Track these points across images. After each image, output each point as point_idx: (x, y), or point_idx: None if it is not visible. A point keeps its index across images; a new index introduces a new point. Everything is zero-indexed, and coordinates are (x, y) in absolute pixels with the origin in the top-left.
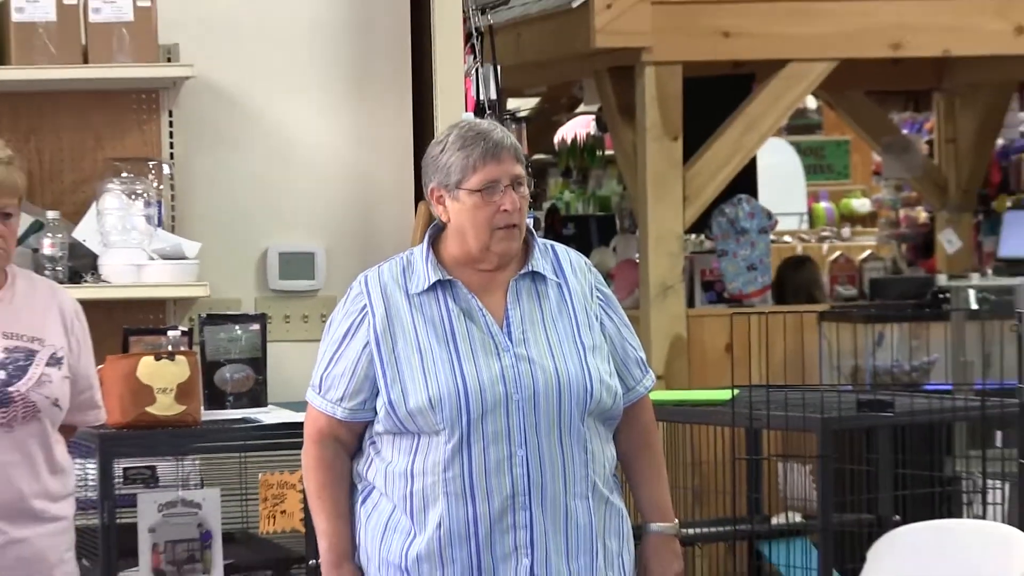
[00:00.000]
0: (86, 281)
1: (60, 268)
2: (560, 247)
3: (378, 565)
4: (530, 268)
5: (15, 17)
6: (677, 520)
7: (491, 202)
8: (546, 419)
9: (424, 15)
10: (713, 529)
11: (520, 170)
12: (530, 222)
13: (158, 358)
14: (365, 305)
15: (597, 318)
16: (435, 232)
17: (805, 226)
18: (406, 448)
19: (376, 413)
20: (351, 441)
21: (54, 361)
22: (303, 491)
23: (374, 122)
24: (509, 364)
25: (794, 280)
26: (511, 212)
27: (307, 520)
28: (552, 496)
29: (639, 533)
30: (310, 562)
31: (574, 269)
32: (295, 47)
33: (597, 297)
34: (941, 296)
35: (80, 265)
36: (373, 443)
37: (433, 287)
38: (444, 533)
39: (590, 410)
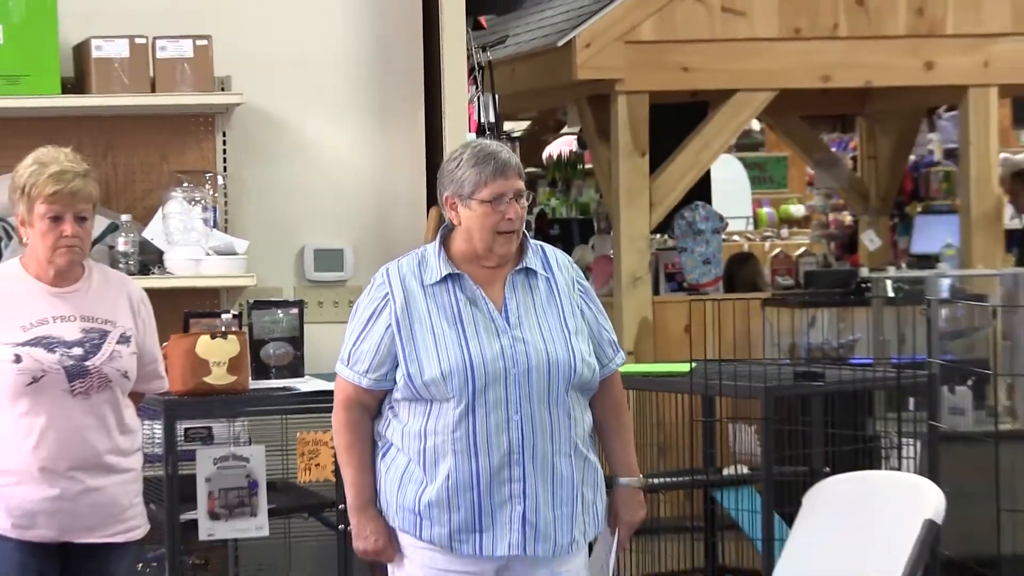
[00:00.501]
0: (153, 273)
1: (132, 262)
2: (548, 247)
3: (395, 509)
4: (524, 265)
5: (95, 54)
6: (642, 475)
7: (498, 211)
8: (537, 390)
9: (434, 52)
10: (674, 479)
11: (522, 185)
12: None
13: (213, 337)
14: (387, 293)
15: (578, 307)
16: (445, 232)
17: (750, 227)
18: (420, 412)
19: (395, 383)
20: (373, 406)
21: (123, 340)
22: (333, 447)
23: (392, 141)
24: (507, 344)
25: (740, 272)
26: (513, 220)
27: (337, 472)
28: (541, 454)
29: (611, 484)
30: (339, 506)
31: (560, 266)
32: (327, 79)
33: (578, 289)
34: (863, 286)
35: (148, 260)
36: (392, 408)
37: (444, 279)
38: (452, 483)
39: (573, 383)
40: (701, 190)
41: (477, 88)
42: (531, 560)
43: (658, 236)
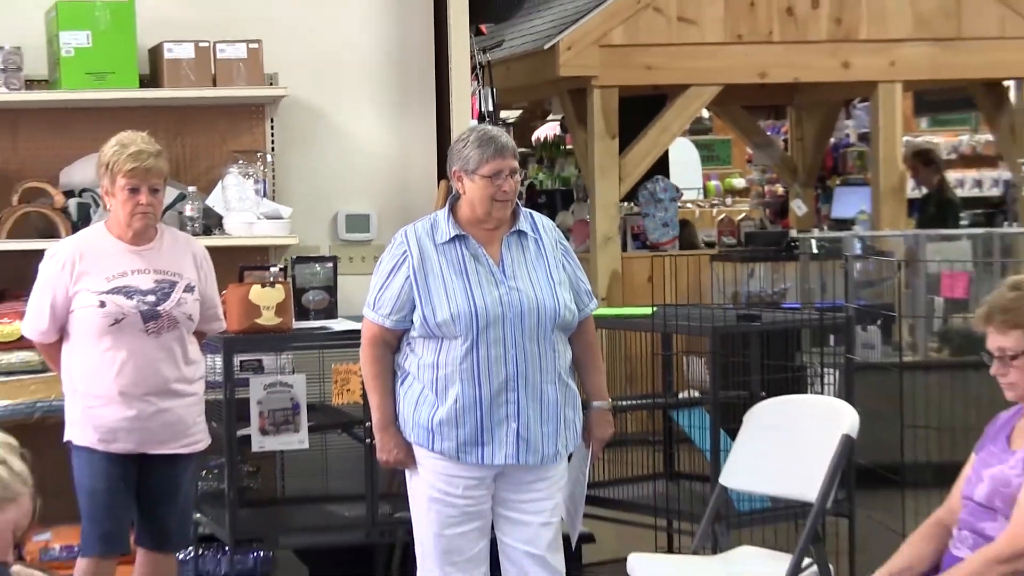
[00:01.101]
0: (214, 234)
1: (196, 225)
2: (536, 214)
3: (412, 427)
4: (517, 228)
5: (166, 55)
6: (611, 399)
7: (495, 184)
8: (529, 329)
9: (443, 53)
10: (638, 402)
11: (516, 164)
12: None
13: (263, 286)
14: (405, 250)
15: (560, 262)
16: (453, 201)
17: (701, 197)
18: (433, 347)
19: (412, 324)
20: (394, 343)
21: (188, 289)
22: (361, 376)
23: (409, 126)
24: (504, 292)
25: (686, 234)
26: (508, 192)
27: (364, 396)
28: (532, 381)
29: (586, 407)
30: (366, 424)
31: (545, 229)
32: (356, 75)
33: (560, 248)
34: (792, 244)
35: (210, 223)
36: (409, 344)
37: (452, 239)
38: (459, 406)
39: (557, 324)
40: (661, 166)
41: (478, 83)
42: (523, 467)
43: (626, 204)
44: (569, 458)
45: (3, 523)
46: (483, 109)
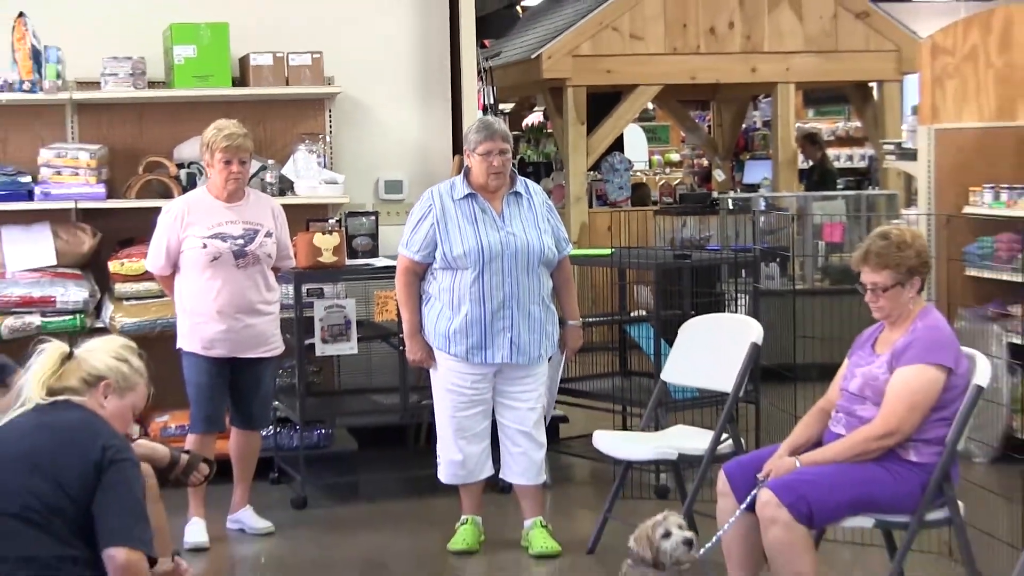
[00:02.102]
0: (287, 195)
1: (274, 188)
2: (529, 181)
3: (433, 335)
4: (515, 190)
5: (252, 62)
6: (581, 318)
7: (488, 161)
8: (521, 264)
9: (457, 61)
10: (601, 319)
11: (505, 145)
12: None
13: (323, 233)
14: (431, 204)
15: (545, 217)
16: (466, 170)
17: (647, 167)
18: (450, 276)
19: (435, 258)
20: (421, 273)
21: (268, 235)
22: (396, 299)
23: (431, 114)
24: (503, 236)
25: (637, 194)
26: (497, 167)
27: (398, 314)
28: (522, 302)
29: (562, 324)
30: (399, 335)
31: (535, 192)
32: (392, 77)
33: (546, 206)
34: (714, 202)
35: (284, 187)
36: (432, 273)
37: (465, 197)
38: (468, 319)
39: (541, 261)
40: (617, 145)
41: (482, 82)
42: (515, 366)
43: (592, 172)
44: (549, 360)
45: (125, 406)
46: (486, 102)
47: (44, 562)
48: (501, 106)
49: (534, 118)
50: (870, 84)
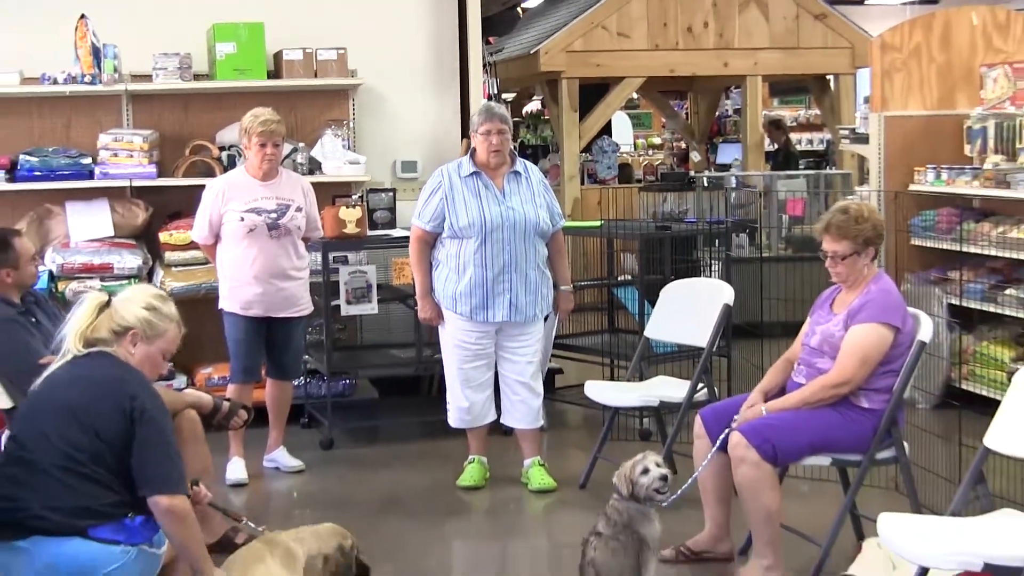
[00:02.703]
0: (316, 174)
1: (304, 168)
2: (527, 162)
3: (441, 296)
4: (514, 169)
5: (285, 57)
6: (572, 283)
7: (488, 140)
8: (519, 234)
9: (465, 56)
10: (591, 283)
11: (503, 126)
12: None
13: (348, 207)
14: (440, 180)
15: (541, 194)
16: (472, 151)
17: (632, 150)
18: (456, 244)
19: (443, 229)
20: (431, 241)
21: (298, 209)
22: (410, 264)
23: (442, 103)
24: (504, 209)
25: (623, 173)
26: (496, 145)
27: (412, 278)
28: (520, 268)
29: (556, 288)
30: (413, 297)
31: (533, 172)
32: (408, 70)
33: (542, 185)
34: (691, 180)
35: (313, 167)
36: (441, 242)
37: (471, 174)
38: (472, 282)
39: (537, 232)
40: (606, 129)
41: (487, 74)
42: (513, 324)
43: (583, 154)
44: (545, 320)
45: (153, 352)
46: (490, 92)
47: (96, 510)
48: (504, 95)
49: (533, 106)
50: (827, 77)
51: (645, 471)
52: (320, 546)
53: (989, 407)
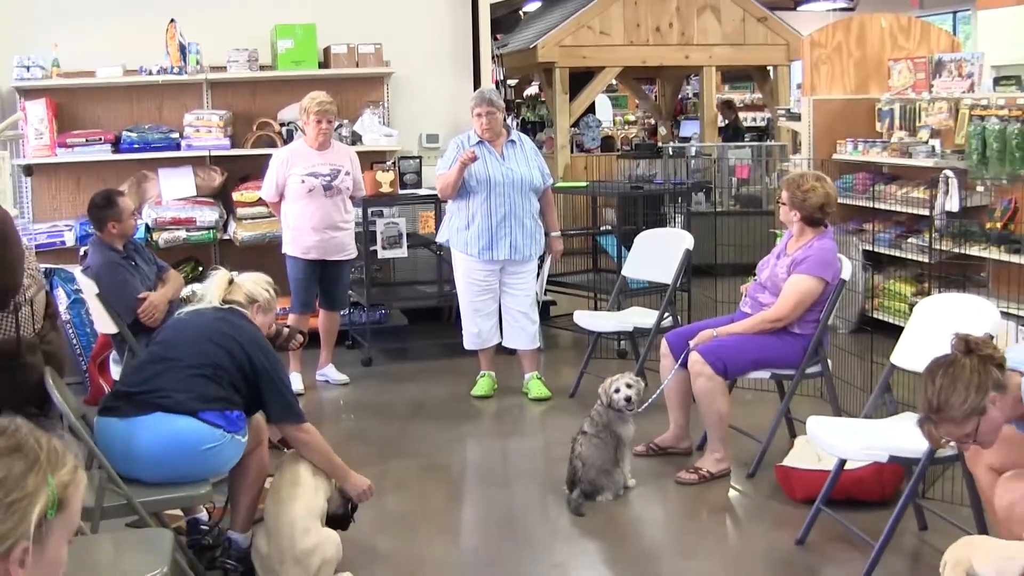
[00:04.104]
0: (357, 145)
1: (349, 140)
2: (522, 134)
3: (455, 241)
4: (511, 139)
5: (332, 51)
6: (561, 230)
7: (479, 119)
8: (516, 190)
9: (477, 49)
10: (578, 231)
11: (491, 108)
12: (514, 125)
13: (383, 171)
14: (458, 145)
15: (533, 159)
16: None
17: (611, 125)
18: (466, 196)
19: None
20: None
21: (347, 173)
22: (441, 192)
23: (458, 87)
24: (505, 170)
25: (606, 143)
26: (484, 122)
27: (435, 227)
28: (518, 216)
29: (548, 234)
30: (436, 243)
31: (525, 141)
32: (431, 60)
33: (533, 152)
34: (659, 150)
35: (356, 139)
36: (450, 200)
37: (478, 143)
38: (479, 228)
39: (531, 188)
40: (591, 109)
41: (495, 64)
42: (513, 262)
43: (572, 128)
44: (541, 260)
45: (267, 321)
46: (498, 78)
47: (208, 399)
48: (508, 81)
49: (532, 90)
50: (768, 67)
51: (617, 390)
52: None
53: (894, 332)
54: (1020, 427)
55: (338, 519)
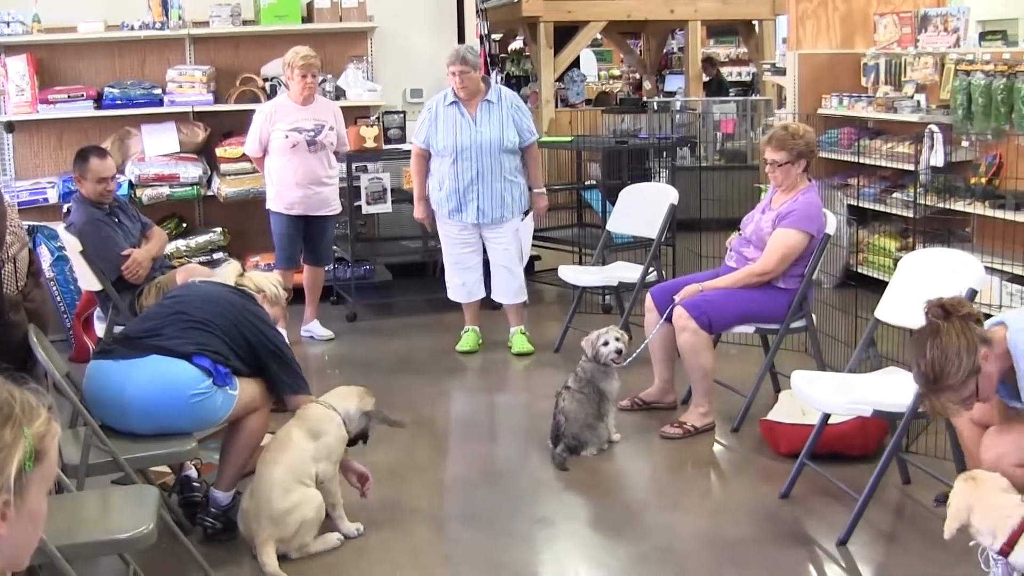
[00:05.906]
0: (341, 99)
1: (333, 95)
2: (504, 88)
3: (433, 196)
4: (486, 98)
5: (316, 5)
6: (545, 186)
7: (453, 77)
8: (485, 153)
9: (460, 2)
10: (564, 186)
11: (465, 67)
12: (499, 80)
13: (366, 126)
14: (431, 108)
15: (511, 116)
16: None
17: (596, 80)
18: (438, 160)
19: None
20: (426, 156)
21: (330, 128)
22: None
23: (441, 41)
24: (475, 133)
25: (601, 100)
26: (460, 81)
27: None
28: (485, 180)
29: (532, 190)
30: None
31: (505, 97)
32: (415, 15)
33: (514, 107)
34: (644, 104)
35: (339, 93)
36: (431, 159)
37: (451, 103)
38: (448, 191)
39: (503, 150)
40: (575, 63)
41: (479, 18)
42: (483, 224)
43: (557, 83)
44: (525, 216)
45: (274, 313)
46: (482, 32)
47: (203, 348)
48: (493, 35)
49: (516, 44)
50: (753, 22)
51: (606, 343)
52: (347, 407)
53: (879, 286)
54: (1000, 389)
55: (362, 435)
